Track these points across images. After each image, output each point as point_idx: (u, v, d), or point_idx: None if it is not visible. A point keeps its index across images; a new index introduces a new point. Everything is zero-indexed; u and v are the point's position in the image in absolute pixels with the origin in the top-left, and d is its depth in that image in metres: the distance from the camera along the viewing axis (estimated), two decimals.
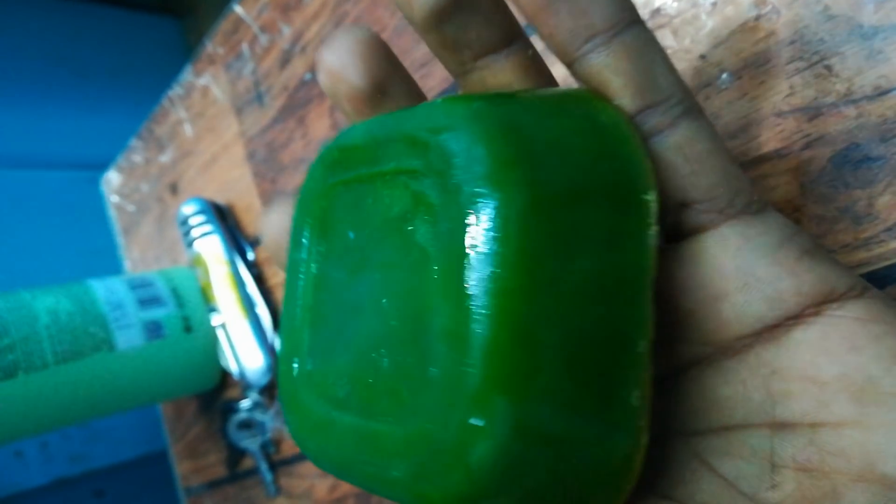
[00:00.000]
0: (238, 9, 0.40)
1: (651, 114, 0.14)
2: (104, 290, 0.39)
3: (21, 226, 0.94)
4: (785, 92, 0.19)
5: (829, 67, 0.18)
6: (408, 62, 0.29)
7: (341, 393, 0.15)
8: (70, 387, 0.36)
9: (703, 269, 0.15)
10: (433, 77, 0.28)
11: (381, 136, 0.15)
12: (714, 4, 0.20)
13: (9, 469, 0.55)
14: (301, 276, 0.17)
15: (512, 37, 0.15)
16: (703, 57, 0.20)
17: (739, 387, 0.15)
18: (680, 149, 0.14)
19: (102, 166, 0.62)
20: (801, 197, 0.18)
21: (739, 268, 0.14)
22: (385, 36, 0.30)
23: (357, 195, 0.16)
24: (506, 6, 0.15)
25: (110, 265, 0.69)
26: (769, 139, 0.19)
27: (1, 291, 0.37)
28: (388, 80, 0.17)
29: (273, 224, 0.19)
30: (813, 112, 0.18)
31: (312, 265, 0.17)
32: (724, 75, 0.20)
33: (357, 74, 0.16)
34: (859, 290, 0.14)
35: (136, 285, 0.40)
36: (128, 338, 0.38)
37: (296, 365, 0.16)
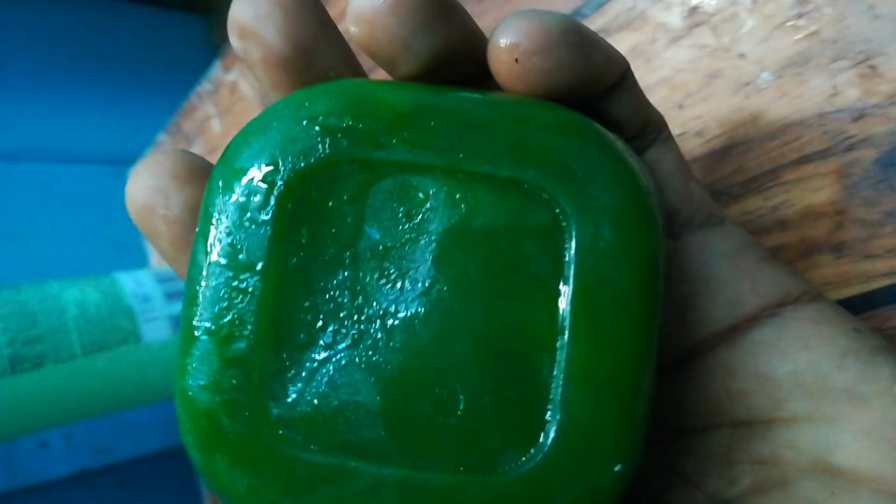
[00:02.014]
0: None
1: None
2: (132, 283, 0.39)
3: (49, 218, 0.95)
4: (828, 92, 0.18)
5: (873, 67, 0.18)
6: None
7: (367, 437, 0.12)
8: (96, 378, 0.36)
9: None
10: None
11: (443, 117, 0.13)
12: (754, 2, 0.19)
13: (34, 459, 0.55)
14: (248, 275, 0.12)
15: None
16: (742, 55, 0.20)
17: (701, 389, 0.15)
18: (649, 169, 0.15)
19: (128, 161, 0.62)
20: (845, 200, 0.18)
21: (700, 273, 0.15)
22: None
23: (393, 185, 0.13)
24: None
25: (137, 259, 0.70)
26: (811, 140, 0.19)
27: (30, 283, 0.37)
28: (316, 45, 0.14)
29: (143, 185, 0.14)
30: (857, 113, 0.18)
31: (273, 262, 0.12)
32: (765, 74, 0.19)
33: (276, 33, 0.13)
34: (812, 295, 0.15)
35: (164, 279, 0.40)
36: (154, 331, 0.38)
37: (255, 399, 0.12)
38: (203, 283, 0.12)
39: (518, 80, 0.13)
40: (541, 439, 0.12)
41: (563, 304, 0.12)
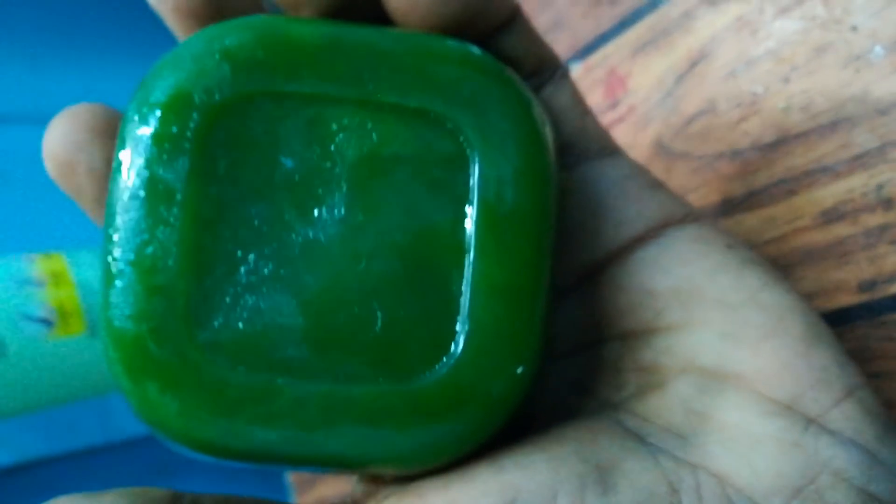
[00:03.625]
0: None
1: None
2: None
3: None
4: None
5: None
6: None
7: (292, 356, 0.13)
8: None
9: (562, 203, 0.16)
10: (559, 44, 0.28)
11: (350, 50, 0.13)
12: None
13: (125, 413, 0.58)
14: (167, 206, 0.13)
15: None
16: (854, 28, 0.19)
17: (595, 306, 0.17)
18: (546, 105, 0.16)
19: None
20: None
21: (592, 199, 0.16)
22: None
23: (306, 117, 0.13)
24: None
25: None
26: None
27: None
28: None
29: (62, 136, 0.14)
30: None
31: (192, 193, 0.13)
32: (877, 48, 0.19)
33: None
34: (694, 217, 0.16)
35: None
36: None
37: (181, 325, 0.13)
38: (123, 217, 0.13)
39: (408, 15, 0.14)
40: (451, 348, 0.13)
41: (469, 224, 0.13)
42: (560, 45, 0.28)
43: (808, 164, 0.20)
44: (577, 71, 0.28)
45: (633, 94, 0.25)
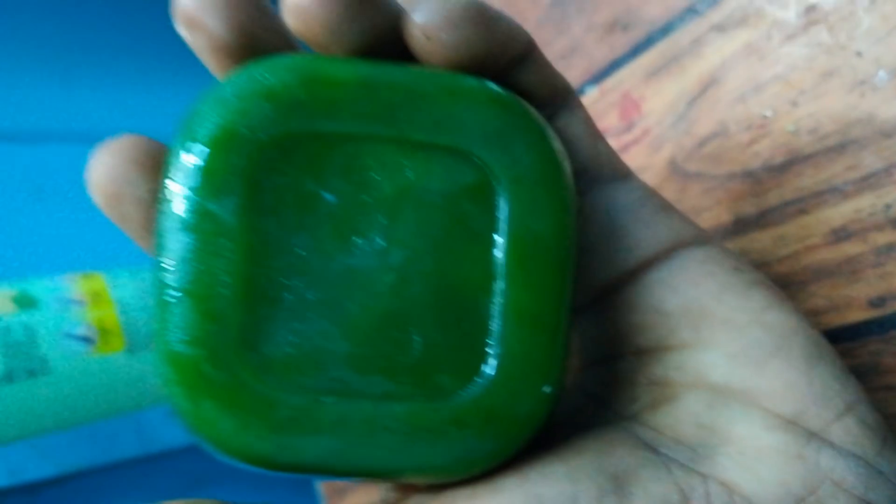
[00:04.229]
0: None
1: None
2: None
3: None
4: None
5: None
6: (549, 53, 0.30)
7: (336, 377, 0.14)
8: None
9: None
10: (574, 69, 0.29)
11: (385, 91, 0.14)
12: (872, 2, 0.20)
13: (161, 427, 0.60)
14: (219, 238, 0.14)
15: None
16: (859, 54, 0.20)
17: (609, 324, 0.17)
18: (559, 133, 0.17)
19: None
20: None
21: (606, 223, 0.17)
22: (527, 27, 0.31)
23: (345, 154, 0.14)
24: None
25: None
26: None
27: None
28: (257, 30, 0.15)
29: (107, 169, 0.15)
30: None
31: (241, 226, 0.14)
32: (882, 73, 0.20)
33: (219, 22, 0.14)
34: (703, 239, 0.17)
35: None
36: None
37: (235, 349, 0.14)
38: (176, 248, 0.13)
39: (431, 54, 0.15)
40: (483, 369, 0.14)
41: (498, 253, 0.14)
42: (575, 69, 0.29)
43: (817, 185, 0.21)
44: (592, 95, 0.28)
45: (647, 117, 0.26)
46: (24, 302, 0.38)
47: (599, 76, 0.28)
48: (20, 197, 0.88)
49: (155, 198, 0.14)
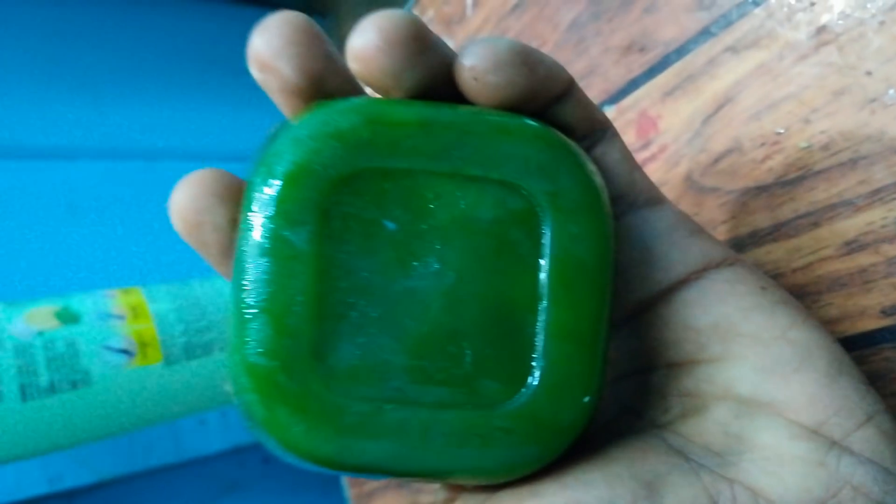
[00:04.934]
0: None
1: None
2: None
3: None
4: None
5: None
6: None
7: (394, 386, 0.15)
8: None
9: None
10: (592, 89, 0.30)
11: (440, 130, 0.15)
12: (882, 23, 0.20)
13: (195, 435, 0.62)
14: (293, 262, 0.15)
15: None
16: (869, 73, 0.21)
17: (643, 339, 0.19)
18: (598, 162, 0.18)
19: (248, 158, 0.67)
20: None
21: (641, 246, 0.18)
22: (545, 50, 0.32)
23: (405, 187, 0.15)
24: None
25: None
26: None
27: (197, 279, 0.42)
28: (324, 74, 0.16)
29: (189, 199, 0.16)
30: None
31: (313, 251, 0.15)
32: (891, 91, 0.20)
33: (290, 67, 0.15)
34: (732, 260, 0.18)
35: None
36: None
37: (306, 361, 0.15)
38: (255, 271, 0.15)
39: (479, 94, 0.16)
40: (528, 381, 0.16)
41: (542, 276, 0.16)
42: (593, 90, 0.30)
43: (829, 199, 0.22)
44: (609, 114, 0.29)
45: (663, 135, 0.27)
46: (67, 317, 0.39)
47: (617, 96, 0.29)
48: (54, 213, 0.90)
49: (231, 225, 0.16)
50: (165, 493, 0.61)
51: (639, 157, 0.28)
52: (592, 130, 0.18)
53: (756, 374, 0.17)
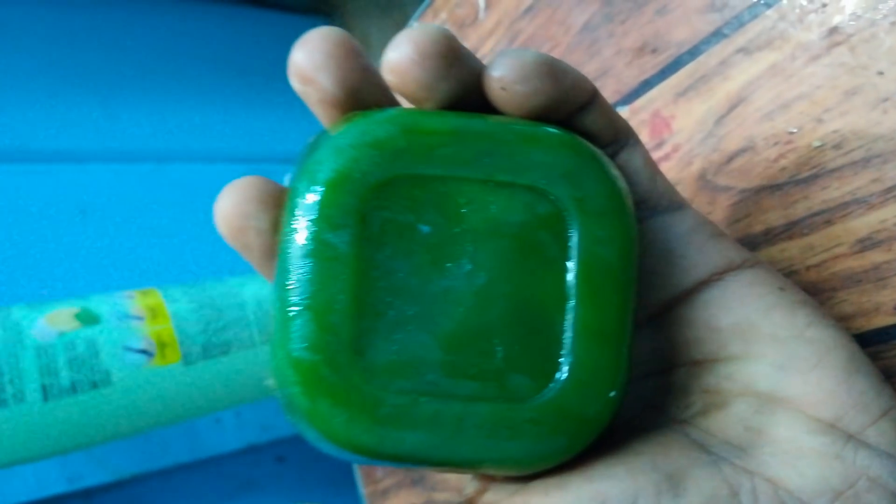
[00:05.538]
0: (415, 25, 0.43)
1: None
2: None
3: (192, 215, 1.02)
4: None
5: None
6: None
7: (431, 380, 0.16)
8: None
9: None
10: (605, 90, 0.31)
11: (472, 139, 0.16)
12: (893, 24, 0.21)
13: (211, 434, 0.62)
14: (335, 263, 0.16)
15: None
16: (880, 73, 0.21)
17: (666, 338, 0.19)
18: (621, 168, 0.19)
19: (263, 159, 0.67)
20: None
21: (664, 248, 0.19)
22: (558, 53, 0.33)
23: (438, 192, 0.16)
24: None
25: None
26: None
27: (213, 279, 0.43)
28: (362, 86, 0.16)
29: (233, 205, 0.17)
30: None
31: (353, 253, 0.16)
32: None
33: (329, 79, 0.16)
34: (752, 262, 0.19)
35: None
36: None
37: (347, 355, 0.16)
38: (298, 272, 0.16)
39: (507, 104, 0.17)
40: (556, 377, 0.16)
41: (569, 277, 0.16)
42: (606, 90, 0.30)
43: (843, 197, 0.22)
44: (623, 114, 0.30)
45: (677, 135, 0.27)
46: (87, 318, 0.40)
47: (630, 97, 0.29)
48: (67, 216, 0.91)
49: (273, 229, 0.17)
50: (181, 491, 0.62)
51: (653, 156, 0.28)
52: (616, 138, 0.19)
53: (775, 371, 0.17)
